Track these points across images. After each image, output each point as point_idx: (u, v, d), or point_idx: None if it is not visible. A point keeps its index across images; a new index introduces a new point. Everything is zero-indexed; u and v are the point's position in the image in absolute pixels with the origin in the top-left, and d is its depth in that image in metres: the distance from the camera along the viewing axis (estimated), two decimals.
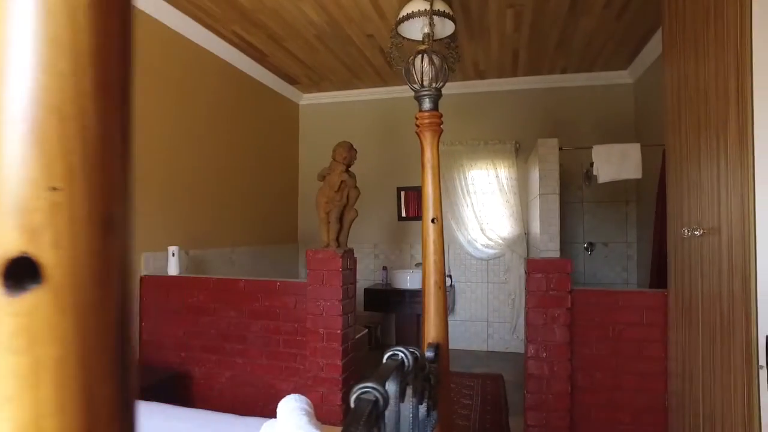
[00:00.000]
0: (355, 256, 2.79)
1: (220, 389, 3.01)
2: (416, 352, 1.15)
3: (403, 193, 5.22)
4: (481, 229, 4.83)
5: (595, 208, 4.79)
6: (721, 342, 1.77)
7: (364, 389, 0.79)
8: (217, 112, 4.07)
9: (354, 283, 2.76)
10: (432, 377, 1.31)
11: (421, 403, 1.20)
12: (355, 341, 2.89)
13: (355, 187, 2.71)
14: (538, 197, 3.62)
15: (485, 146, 4.85)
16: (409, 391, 1.05)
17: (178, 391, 3.06)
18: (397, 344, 4.56)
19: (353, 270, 2.75)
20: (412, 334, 4.67)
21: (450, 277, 4.96)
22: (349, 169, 2.73)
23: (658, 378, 2.29)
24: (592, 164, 3.42)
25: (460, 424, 3.15)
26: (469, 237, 4.87)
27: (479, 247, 4.85)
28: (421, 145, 1.55)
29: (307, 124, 5.66)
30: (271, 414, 2.86)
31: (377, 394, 0.78)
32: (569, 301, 2.32)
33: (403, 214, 5.22)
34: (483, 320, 4.97)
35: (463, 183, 4.88)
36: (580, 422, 2.36)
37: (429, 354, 1.43)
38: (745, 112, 1.60)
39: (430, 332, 1.50)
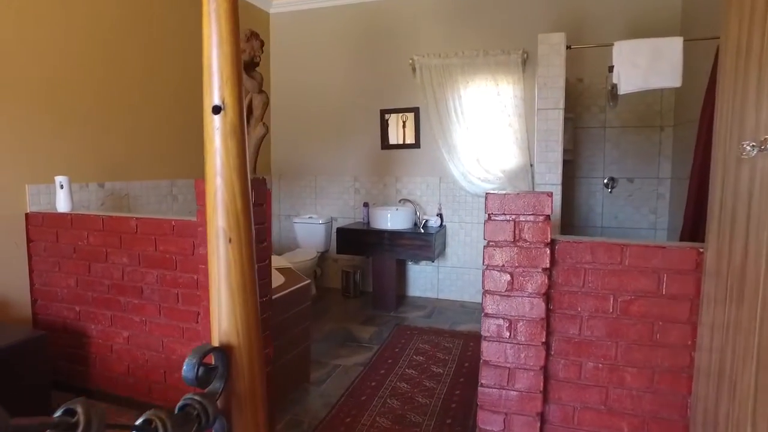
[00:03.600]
0: (268, 188, 2.05)
1: (118, 351, 2.43)
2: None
3: (388, 117, 4.38)
4: (477, 160, 3.98)
5: (619, 134, 3.87)
6: None
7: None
8: (149, 21, 3.26)
9: (265, 223, 2.04)
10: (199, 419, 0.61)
11: None
12: (277, 299, 2.22)
13: (261, 91, 1.92)
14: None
15: (485, 57, 3.90)
16: None
17: (75, 351, 2.51)
18: (374, 292, 3.77)
19: (263, 206, 2.02)
20: (391, 282, 4.00)
21: (440, 216, 4.20)
22: (256, 68, 1.94)
23: (678, 375, 1.54)
24: (611, 69, 2.50)
25: (421, 401, 2.51)
26: (463, 169, 4.04)
27: (474, 180, 4.03)
28: None
29: (279, 36, 4.78)
30: (176, 383, 2.27)
31: None
32: (548, 258, 1.54)
33: (389, 142, 4.40)
34: (477, 267, 4.23)
35: (457, 104, 3.99)
36: (555, 429, 1.65)
37: (188, 374, 0.71)
38: None
39: (221, 323, 0.78)
